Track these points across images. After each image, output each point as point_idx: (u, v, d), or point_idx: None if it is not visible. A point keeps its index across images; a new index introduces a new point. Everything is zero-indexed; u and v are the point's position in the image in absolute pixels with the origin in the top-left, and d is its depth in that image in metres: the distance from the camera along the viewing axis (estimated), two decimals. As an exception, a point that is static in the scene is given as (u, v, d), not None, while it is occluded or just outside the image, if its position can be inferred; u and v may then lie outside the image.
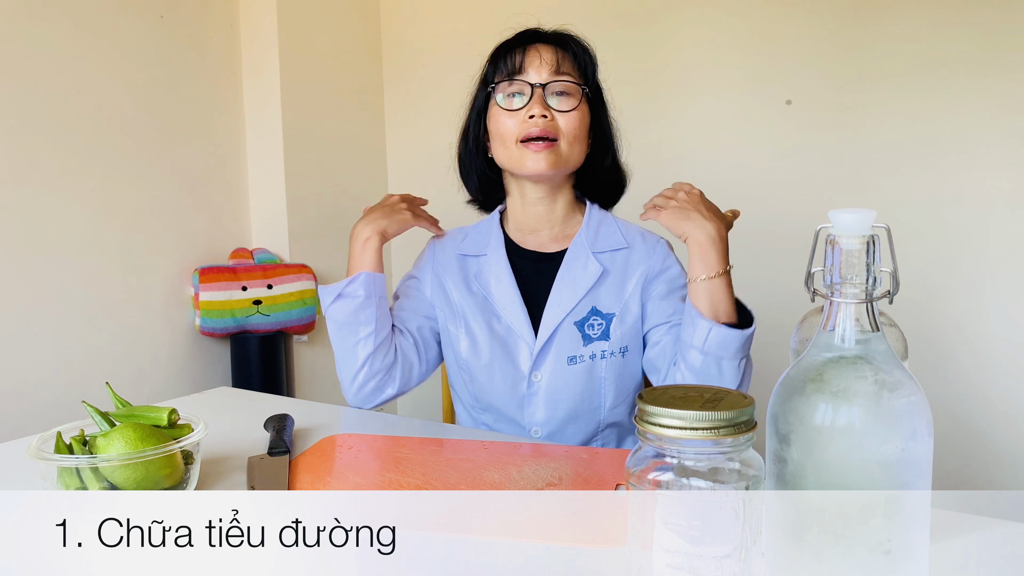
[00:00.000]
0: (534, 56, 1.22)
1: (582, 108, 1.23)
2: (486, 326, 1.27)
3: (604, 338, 1.23)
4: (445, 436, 1.12)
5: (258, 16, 2.46)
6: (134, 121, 2.21)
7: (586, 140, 1.26)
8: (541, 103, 1.20)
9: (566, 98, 1.22)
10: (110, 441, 0.83)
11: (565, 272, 1.26)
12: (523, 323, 1.25)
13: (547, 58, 1.22)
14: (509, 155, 1.23)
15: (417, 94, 2.73)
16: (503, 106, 1.23)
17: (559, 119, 1.21)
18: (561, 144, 1.21)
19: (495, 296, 1.27)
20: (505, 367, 1.24)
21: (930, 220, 1.96)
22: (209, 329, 2.31)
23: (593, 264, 1.25)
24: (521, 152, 1.22)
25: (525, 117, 1.21)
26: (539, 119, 1.20)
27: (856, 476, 0.59)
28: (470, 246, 1.33)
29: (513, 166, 1.24)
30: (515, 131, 1.21)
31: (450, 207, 1.42)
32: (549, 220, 1.29)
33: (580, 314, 1.23)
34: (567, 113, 1.21)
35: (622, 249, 1.27)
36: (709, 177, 2.22)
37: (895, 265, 0.63)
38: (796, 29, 2.09)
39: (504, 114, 1.23)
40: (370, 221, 1.29)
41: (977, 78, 1.89)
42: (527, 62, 1.22)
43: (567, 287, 1.25)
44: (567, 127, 1.21)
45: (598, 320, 1.24)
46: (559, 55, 1.22)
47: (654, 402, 0.59)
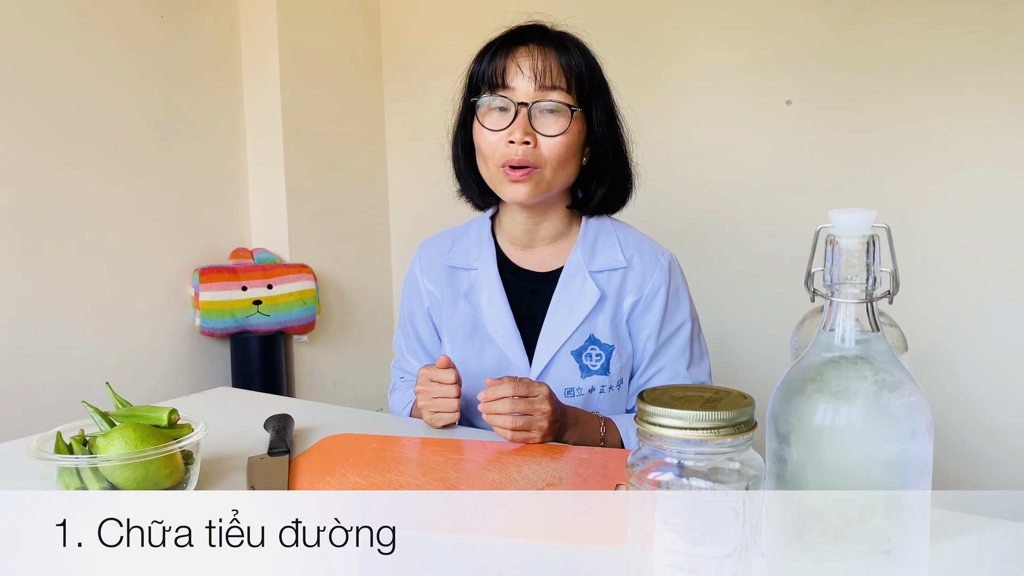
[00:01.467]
0: (520, 66, 1.12)
1: (572, 129, 1.12)
2: (477, 351, 1.22)
3: (603, 372, 1.18)
4: (445, 436, 1.11)
5: (258, 16, 2.46)
6: (134, 121, 2.21)
7: (578, 157, 1.17)
8: (524, 126, 1.10)
9: (553, 118, 1.12)
10: (110, 441, 0.83)
11: (561, 296, 1.19)
12: (517, 349, 1.19)
13: (535, 68, 1.11)
14: (490, 176, 1.16)
15: (417, 94, 2.73)
16: (484, 124, 1.14)
17: (543, 145, 1.11)
18: (544, 172, 1.12)
19: (487, 318, 1.21)
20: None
21: (930, 220, 1.96)
22: (209, 329, 2.31)
23: (590, 287, 1.18)
24: (501, 177, 1.13)
25: (506, 139, 1.11)
26: (519, 147, 1.10)
27: (856, 476, 0.59)
28: (459, 257, 1.26)
29: (493, 187, 1.17)
30: (496, 153, 1.13)
31: (450, 207, 1.41)
32: (541, 237, 1.23)
33: (577, 343, 1.18)
34: (553, 138, 1.11)
35: (620, 269, 1.20)
36: (709, 177, 2.23)
37: (895, 265, 0.63)
38: (796, 29, 2.09)
39: (485, 131, 1.14)
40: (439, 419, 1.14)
41: (978, 77, 1.89)
42: (511, 73, 1.12)
43: (564, 312, 1.18)
44: (551, 154, 1.11)
45: (596, 351, 1.18)
46: (550, 63, 1.12)
47: (654, 402, 0.59)
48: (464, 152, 1.23)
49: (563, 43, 1.15)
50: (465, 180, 1.25)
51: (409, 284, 1.32)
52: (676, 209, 2.22)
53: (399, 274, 2.85)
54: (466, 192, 1.27)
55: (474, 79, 1.17)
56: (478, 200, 1.27)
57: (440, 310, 1.27)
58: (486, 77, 1.15)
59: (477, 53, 1.18)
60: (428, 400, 1.12)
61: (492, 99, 1.14)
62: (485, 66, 1.15)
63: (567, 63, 1.13)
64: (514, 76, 1.12)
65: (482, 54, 1.17)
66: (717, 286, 2.19)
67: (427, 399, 1.12)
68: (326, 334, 2.63)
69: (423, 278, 1.29)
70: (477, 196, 1.26)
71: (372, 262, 2.81)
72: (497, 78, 1.13)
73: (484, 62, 1.16)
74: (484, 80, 1.15)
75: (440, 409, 1.12)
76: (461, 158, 1.23)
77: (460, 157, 1.24)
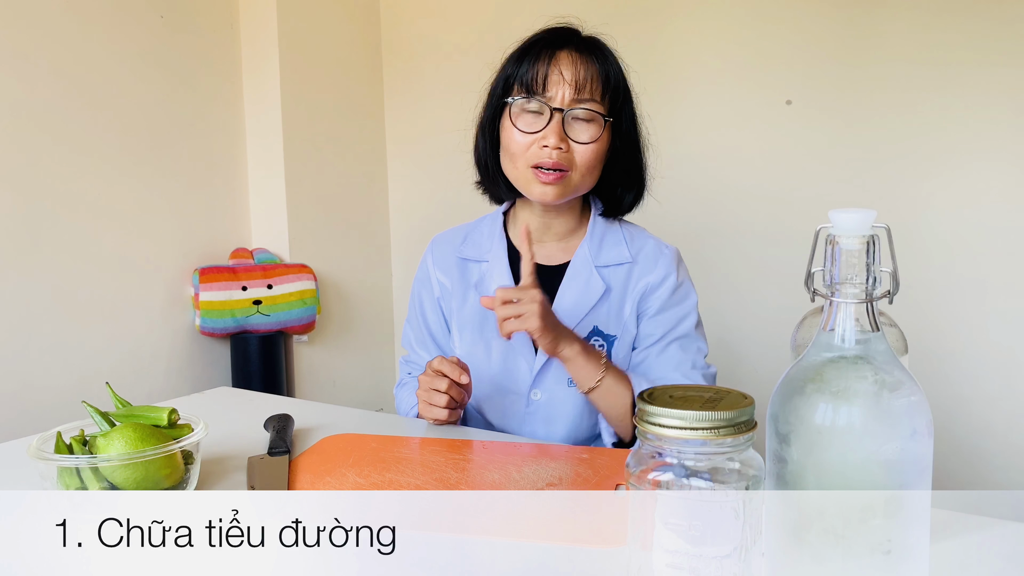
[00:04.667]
0: (560, 72, 1.13)
1: (603, 137, 1.15)
2: (485, 341, 1.24)
3: None
4: (445, 436, 1.12)
5: (258, 16, 2.46)
6: (134, 121, 2.21)
7: (602, 163, 1.19)
8: (559, 132, 1.13)
9: (587, 126, 1.14)
10: (110, 441, 0.83)
11: (568, 288, 1.22)
12: (523, 339, 1.21)
13: (574, 76, 1.13)
14: (517, 175, 1.18)
15: (417, 94, 2.73)
16: (517, 125, 1.15)
17: (575, 150, 1.14)
18: (573, 175, 1.15)
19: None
20: (504, 385, 1.23)
21: (930, 219, 1.96)
22: (209, 329, 2.31)
23: (596, 280, 1.21)
24: (530, 177, 1.15)
25: (540, 143, 1.13)
26: (553, 151, 1.12)
27: (856, 476, 0.59)
28: (471, 249, 1.29)
29: (519, 186, 1.19)
30: (527, 154, 1.15)
31: (450, 207, 1.41)
32: (554, 232, 1.26)
33: (582, 333, 1.20)
34: (585, 145, 1.14)
35: (625, 264, 1.23)
36: (709, 177, 2.23)
37: (895, 265, 0.63)
38: (796, 29, 2.09)
39: (517, 132, 1.15)
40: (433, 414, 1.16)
41: (979, 76, 1.89)
42: (551, 79, 1.13)
43: (570, 304, 1.21)
44: (582, 160, 1.15)
45: (600, 341, 1.21)
46: (587, 71, 1.14)
47: (654, 402, 0.59)
48: (492, 147, 1.24)
49: (601, 51, 1.17)
50: (489, 174, 1.26)
51: (421, 275, 1.35)
52: (676, 209, 2.22)
53: (399, 274, 2.85)
54: (488, 185, 1.28)
55: (509, 79, 1.18)
56: (502, 194, 1.28)
57: (450, 300, 1.29)
58: (525, 80, 1.15)
59: (514, 53, 1.19)
60: (424, 390, 1.14)
61: (528, 102, 1.15)
62: (525, 69, 1.15)
63: (605, 73, 1.16)
64: (555, 83, 1.13)
65: (521, 55, 1.18)
66: (717, 286, 2.19)
67: (424, 388, 1.14)
68: (326, 334, 2.64)
69: (435, 269, 1.31)
70: (503, 191, 1.26)
71: (372, 262, 2.81)
72: (537, 83, 1.14)
73: (524, 65, 1.16)
74: (523, 83, 1.16)
75: (433, 403, 1.13)
76: (488, 153, 1.24)
77: (487, 151, 1.24)
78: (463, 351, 1.26)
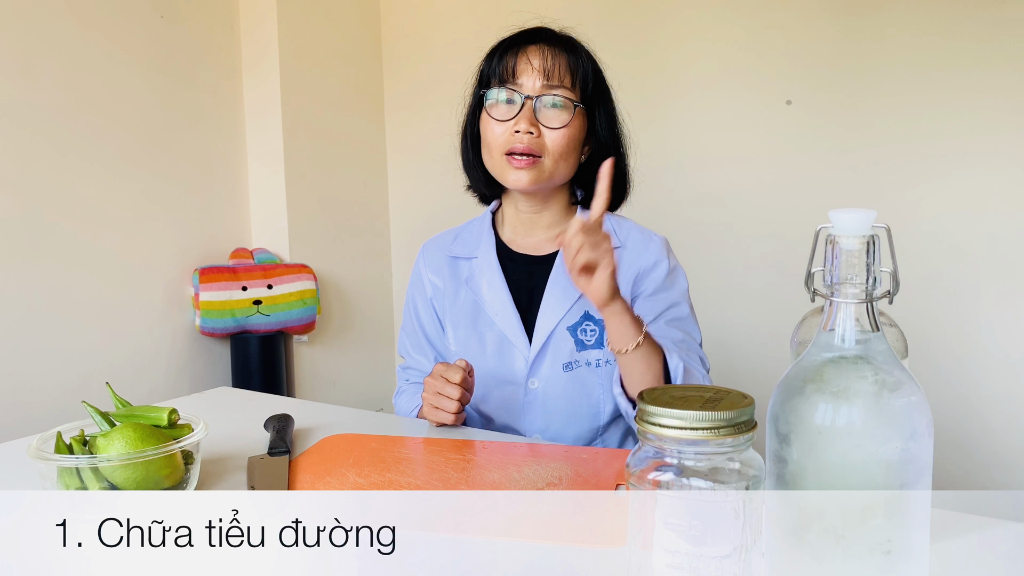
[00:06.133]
0: (528, 61, 1.18)
1: (574, 123, 1.18)
2: (478, 335, 1.26)
3: (598, 346, 1.22)
4: (445, 436, 1.12)
5: (258, 16, 2.46)
6: (134, 121, 2.21)
7: (578, 152, 1.22)
8: (529, 117, 1.17)
9: (557, 112, 1.18)
10: (110, 441, 0.83)
11: (557, 276, 1.24)
12: (517, 330, 1.24)
13: (542, 64, 1.18)
14: (493, 164, 1.22)
15: (417, 94, 2.73)
16: (491, 115, 1.19)
17: (546, 136, 1.17)
18: (545, 161, 1.18)
19: (487, 302, 1.26)
20: (500, 377, 1.24)
21: (930, 219, 1.96)
22: (209, 329, 2.31)
23: None
24: (504, 164, 1.19)
25: (512, 129, 1.17)
26: (524, 135, 1.16)
27: (856, 476, 0.59)
28: (460, 247, 1.32)
29: (496, 174, 1.22)
30: (500, 142, 1.18)
31: (450, 207, 1.41)
32: (542, 224, 1.27)
33: (573, 319, 1.22)
34: (556, 130, 1.17)
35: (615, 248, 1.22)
36: (709, 177, 2.23)
37: (895, 265, 0.63)
38: (796, 29, 2.09)
39: (492, 122, 1.19)
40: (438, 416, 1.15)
41: (978, 77, 1.89)
42: (520, 68, 1.18)
43: (560, 291, 1.23)
44: (553, 145, 1.17)
45: (591, 326, 1.22)
46: (556, 62, 1.18)
47: (654, 402, 0.59)
48: (472, 144, 1.27)
49: (572, 44, 1.22)
50: (473, 172, 1.30)
51: (414, 279, 1.37)
52: (676, 208, 2.22)
53: (399, 274, 2.85)
54: (473, 184, 1.32)
55: (484, 75, 1.23)
56: (484, 190, 1.31)
57: (443, 299, 1.31)
58: (496, 72, 1.20)
59: (488, 52, 1.24)
60: (432, 394, 1.14)
61: (500, 92, 1.19)
62: (496, 63, 1.21)
63: (574, 63, 1.20)
64: (523, 71, 1.18)
65: (493, 52, 1.23)
66: (717, 286, 2.19)
67: (431, 392, 1.15)
68: (326, 334, 2.64)
69: (427, 271, 1.34)
70: (483, 186, 1.30)
71: (372, 262, 2.81)
72: (507, 73, 1.19)
73: (495, 59, 1.22)
74: (495, 75, 1.21)
75: (440, 407, 1.13)
76: (469, 150, 1.28)
77: (468, 149, 1.28)
78: (457, 347, 1.28)
